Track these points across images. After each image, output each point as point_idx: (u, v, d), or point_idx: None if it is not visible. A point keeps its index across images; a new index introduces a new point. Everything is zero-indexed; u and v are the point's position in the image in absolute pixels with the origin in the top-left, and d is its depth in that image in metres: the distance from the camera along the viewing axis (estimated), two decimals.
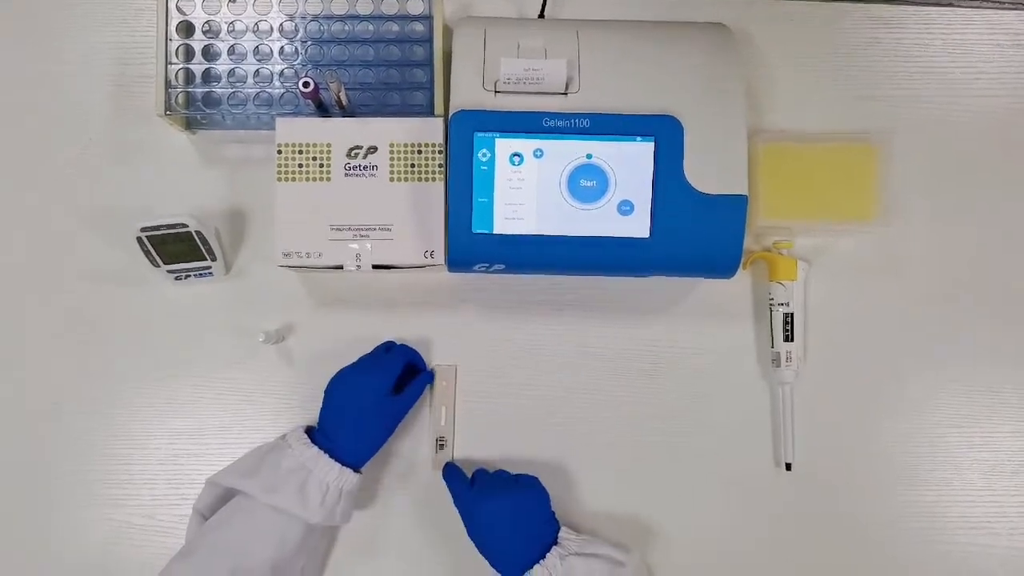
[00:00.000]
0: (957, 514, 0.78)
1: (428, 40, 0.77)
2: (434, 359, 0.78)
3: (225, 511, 0.68)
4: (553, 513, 0.71)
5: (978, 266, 0.80)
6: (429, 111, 0.76)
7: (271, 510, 0.67)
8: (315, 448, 0.69)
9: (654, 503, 0.77)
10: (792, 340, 0.76)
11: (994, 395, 0.78)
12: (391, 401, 0.72)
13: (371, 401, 0.71)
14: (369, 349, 0.76)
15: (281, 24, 0.76)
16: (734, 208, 0.70)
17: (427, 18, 0.77)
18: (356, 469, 0.71)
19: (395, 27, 0.77)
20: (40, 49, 0.80)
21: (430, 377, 0.78)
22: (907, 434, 0.78)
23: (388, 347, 0.77)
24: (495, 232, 0.70)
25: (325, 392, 0.73)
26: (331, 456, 0.69)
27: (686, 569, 0.77)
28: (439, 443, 0.78)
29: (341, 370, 0.73)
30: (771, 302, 0.77)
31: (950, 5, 0.83)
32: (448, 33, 0.76)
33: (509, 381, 0.78)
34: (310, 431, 0.72)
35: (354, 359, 0.74)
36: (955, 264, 0.80)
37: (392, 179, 0.72)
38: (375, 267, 0.72)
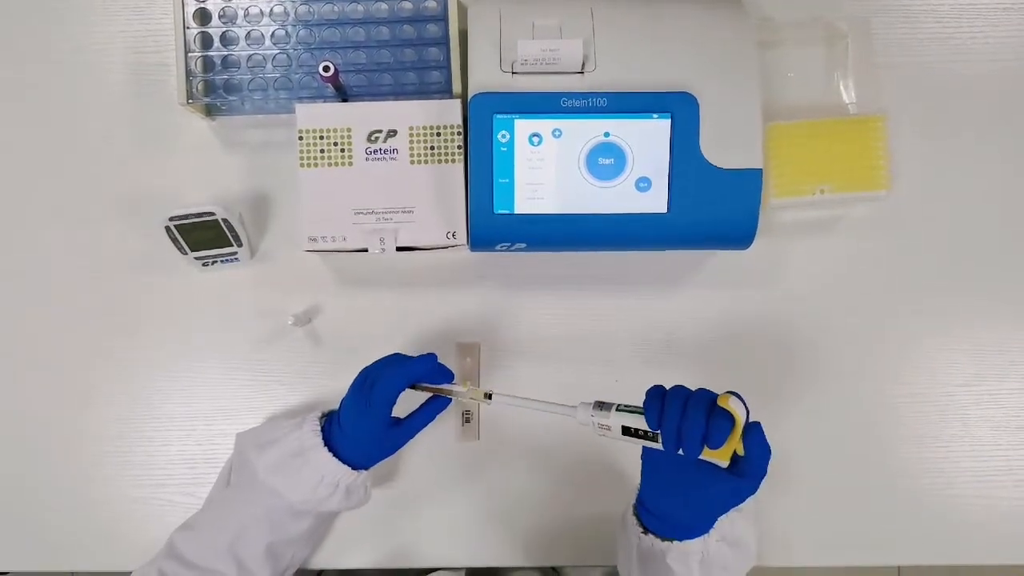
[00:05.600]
0: (965, 468, 0.81)
1: (441, 18, 0.77)
2: (458, 337, 0.80)
3: (232, 485, 0.70)
4: None
5: (986, 229, 0.81)
6: (446, 89, 0.77)
7: (269, 491, 0.68)
8: (319, 437, 0.68)
9: None
10: None
11: (1002, 354, 0.81)
12: (388, 432, 0.69)
13: (366, 431, 0.68)
14: (393, 331, 0.79)
15: (296, 8, 0.76)
16: (750, 181, 0.71)
17: None
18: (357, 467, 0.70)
19: (408, 5, 0.77)
20: (56, 41, 0.80)
21: (442, 404, 0.71)
22: (918, 392, 0.81)
23: (397, 362, 0.69)
24: (516, 212, 0.71)
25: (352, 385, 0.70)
26: (331, 448, 0.68)
27: None
28: (464, 417, 0.80)
29: (365, 368, 0.70)
30: None
31: None
32: (462, 10, 0.76)
33: (531, 357, 0.81)
34: (332, 414, 0.71)
35: (380, 340, 0.76)
36: (962, 228, 0.81)
37: (412, 162, 0.73)
38: (399, 249, 0.73)
